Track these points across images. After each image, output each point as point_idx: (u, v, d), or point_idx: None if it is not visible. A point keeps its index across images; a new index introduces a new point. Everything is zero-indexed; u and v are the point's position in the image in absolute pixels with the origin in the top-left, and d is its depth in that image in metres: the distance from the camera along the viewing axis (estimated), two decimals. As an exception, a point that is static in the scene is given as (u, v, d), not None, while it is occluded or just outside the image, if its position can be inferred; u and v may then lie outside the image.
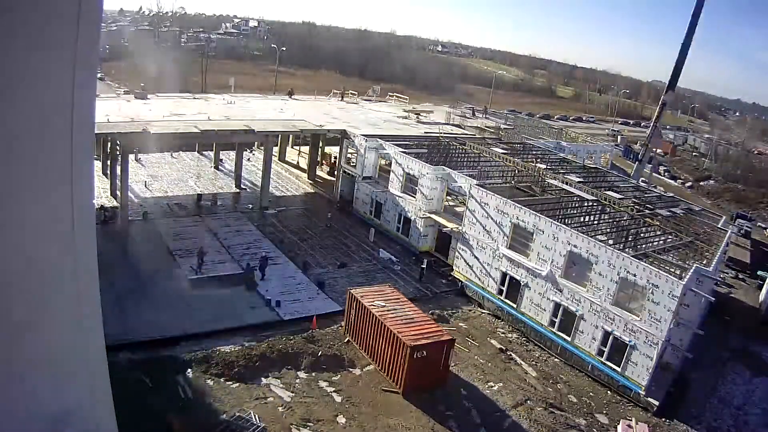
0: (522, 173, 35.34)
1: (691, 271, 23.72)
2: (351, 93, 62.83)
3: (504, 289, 29.10)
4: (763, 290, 38.29)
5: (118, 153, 34.45)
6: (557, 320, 26.56)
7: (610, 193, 32.88)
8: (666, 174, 79.57)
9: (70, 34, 2.54)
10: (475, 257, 30.59)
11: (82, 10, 2.52)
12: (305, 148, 51.41)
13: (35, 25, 2.45)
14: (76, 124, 2.71)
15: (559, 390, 23.82)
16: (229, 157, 46.78)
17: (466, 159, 38.19)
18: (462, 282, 31.33)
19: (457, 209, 35.26)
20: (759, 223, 60.95)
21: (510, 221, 28.70)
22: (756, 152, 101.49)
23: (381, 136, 39.71)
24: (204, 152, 49.18)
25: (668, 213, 32.65)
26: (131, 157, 38.96)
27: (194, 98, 47.99)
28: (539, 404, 22.55)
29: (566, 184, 33.53)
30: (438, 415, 20.85)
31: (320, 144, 49.68)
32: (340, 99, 58.06)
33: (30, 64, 2.51)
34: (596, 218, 30.99)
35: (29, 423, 2.91)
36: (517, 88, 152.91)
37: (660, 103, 51.57)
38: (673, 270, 24.39)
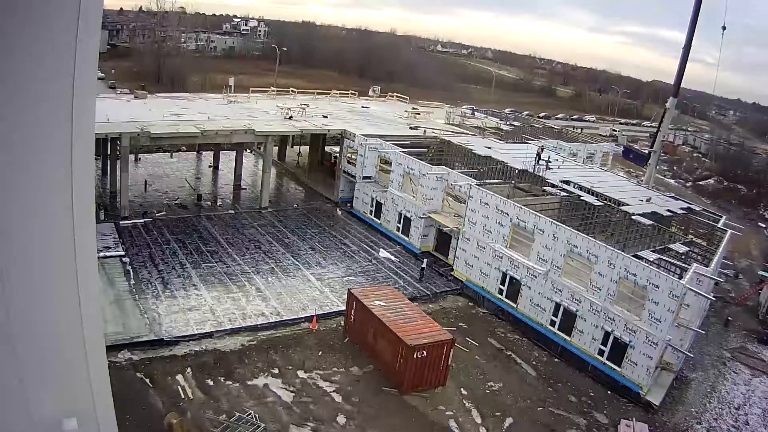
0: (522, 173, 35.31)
1: (691, 270, 23.74)
2: (352, 93, 62.91)
3: (504, 288, 29.11)
4: (764, 290, 38.30)
5: (118, 153, 34.47)
6: (557, 320, 26.57)
7: (609, 193, 32.88)
8: (668, 174, 79.57)
9: (70, 33, 2.54)
10: (475, 257, 30.60)
11: (82, 10, 2.52)
12: (305, 148, 51.50)
13: (35, 24, 2.44)
14: (76, 123, 2.70)
15: (559, 390, 23.83)
16: (229, 157, 46.79)
17: (466, 159, 38.16)
18: (462, 282, 31.34)
19: (457, 208, 35.21)
20: (759, 223, 61.00)
21: (510, 221, 28.71)
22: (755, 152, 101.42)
23: (381, 136, 39.73)
24: (204, 152, 49.19)
25: (668, 213, 32.66)
26: (131, 156, 38.96)
27: (194, 98, 48.00)
28: (539, 404, 22.56)
29: (566, 184, 33.52)
30: (438, 415, 20.87)
31: (320, 144, 49.72)
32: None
33: (29, 64, 2.50)
34: (596, 218, 30.96)
35: (28, 426, 2.90)
36: (517, 88, 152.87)
37: (664, 109, 51.33)
38: (673, 270, 24.42)
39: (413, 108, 56.29)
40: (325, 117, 44.31)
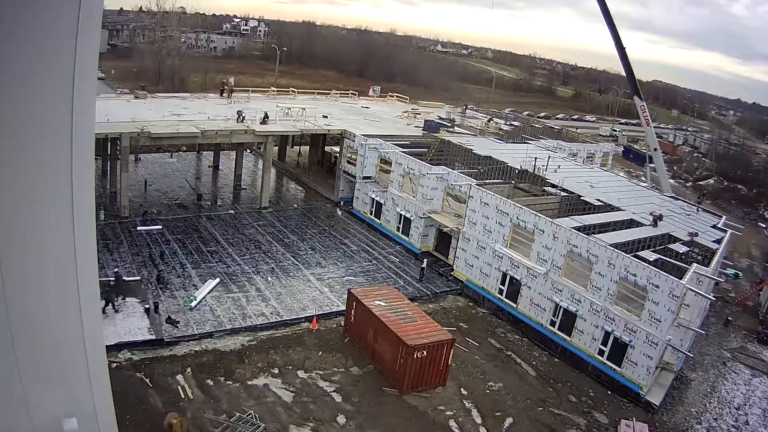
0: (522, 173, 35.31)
1: (691, 270, 23.73)
2: (352, 93, 62.94)
3: (504, 288, 29.11)
4: (764, 290, 38.31)
5: (118, 153, 34.46)
6: (557, 320, 26.56)
7: (608, 192, 32.88)
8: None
9: (70, 33, 2.53)
10: (475, 257, 30.59)
11: (82, 10, 2.52)
12: (305, 148, 51.46)
13: (35, 24, 2.44)
14: (76, 124, 2.70)
15: (559, 390, 23.83)
16: (229, 157, 46.79)
17: (466, 159, 38.16)
18: (462, 282, 31.33)
19: (457, 208, 35.22)
20: (759, 223, 60.96)
21: (510, 221, 28.71)
22: (755, 152, 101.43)
23: (381, 136, 39.72)
24: (204, 152, 49.17)
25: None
26: (131, 156, 38.95)
27: (194, 98, 47.97)
28: (539, 404, 22.56)
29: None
30: (438, 415, 20.86)
31: (320, 144, 49.70)
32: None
33: (30, 65, 2.50)
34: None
35: (28, 426, 2.90)
36: (517, 87, 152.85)
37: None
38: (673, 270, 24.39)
39: (413, 108, 56.29)
40: (325, 117, 44.30)
